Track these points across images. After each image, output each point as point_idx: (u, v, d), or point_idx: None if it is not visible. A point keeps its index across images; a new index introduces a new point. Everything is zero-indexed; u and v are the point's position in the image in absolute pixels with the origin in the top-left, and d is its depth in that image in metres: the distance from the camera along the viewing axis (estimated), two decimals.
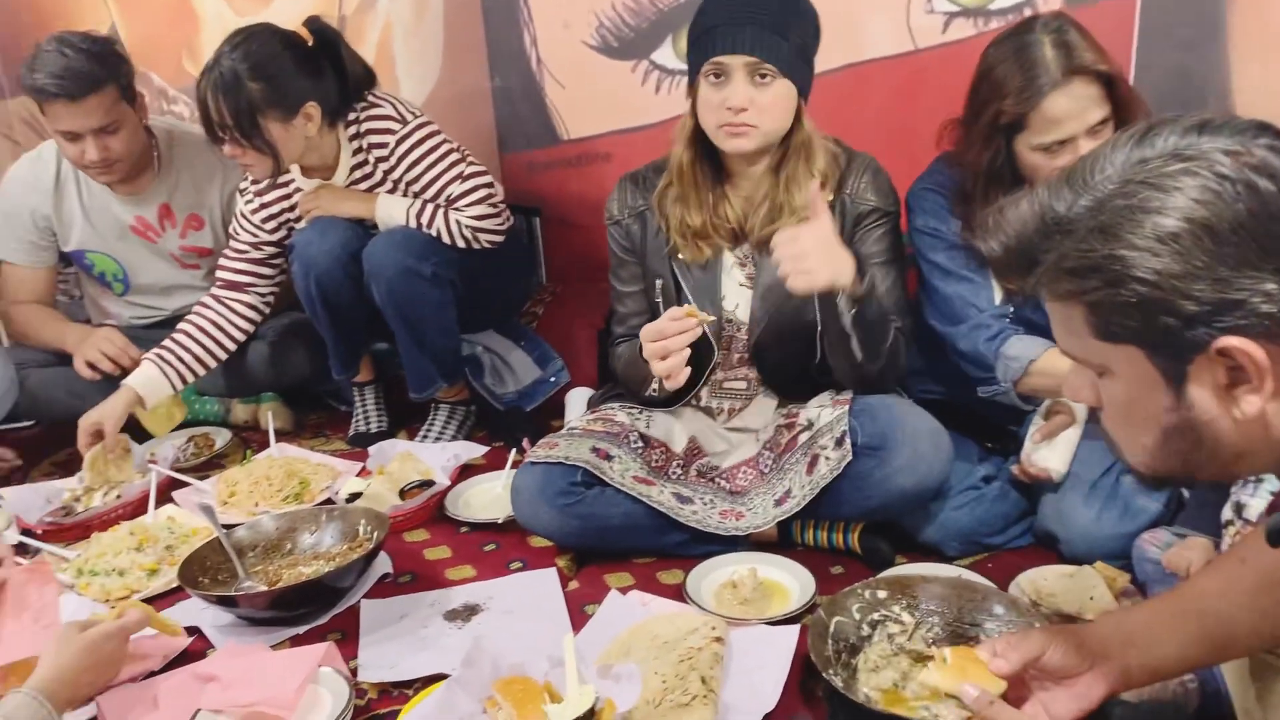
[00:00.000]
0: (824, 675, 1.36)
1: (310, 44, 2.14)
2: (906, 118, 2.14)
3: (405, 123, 2.19)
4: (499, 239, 2.23)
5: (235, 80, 2.02)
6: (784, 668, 1.46)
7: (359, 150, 2.22)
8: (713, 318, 1.74)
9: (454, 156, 2.21)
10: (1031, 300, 1.74)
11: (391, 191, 2.24)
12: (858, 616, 1.48)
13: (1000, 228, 0.93)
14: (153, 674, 1.55)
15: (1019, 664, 1.13)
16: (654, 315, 1.84)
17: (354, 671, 1.53)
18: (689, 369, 1.65)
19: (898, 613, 1.49)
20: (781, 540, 1.81)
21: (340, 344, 2.32)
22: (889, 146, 1.94)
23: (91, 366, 2.34)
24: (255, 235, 2.32)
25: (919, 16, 2.11)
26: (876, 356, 1.70)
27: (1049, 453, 1.72)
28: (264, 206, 2.30)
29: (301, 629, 1.65)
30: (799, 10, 1.70)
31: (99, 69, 2.23)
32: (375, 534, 1.75)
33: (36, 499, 2.13)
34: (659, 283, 1.83)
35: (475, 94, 2.60)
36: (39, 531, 2.02)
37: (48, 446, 2.52)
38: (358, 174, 2.25)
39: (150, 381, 2.23)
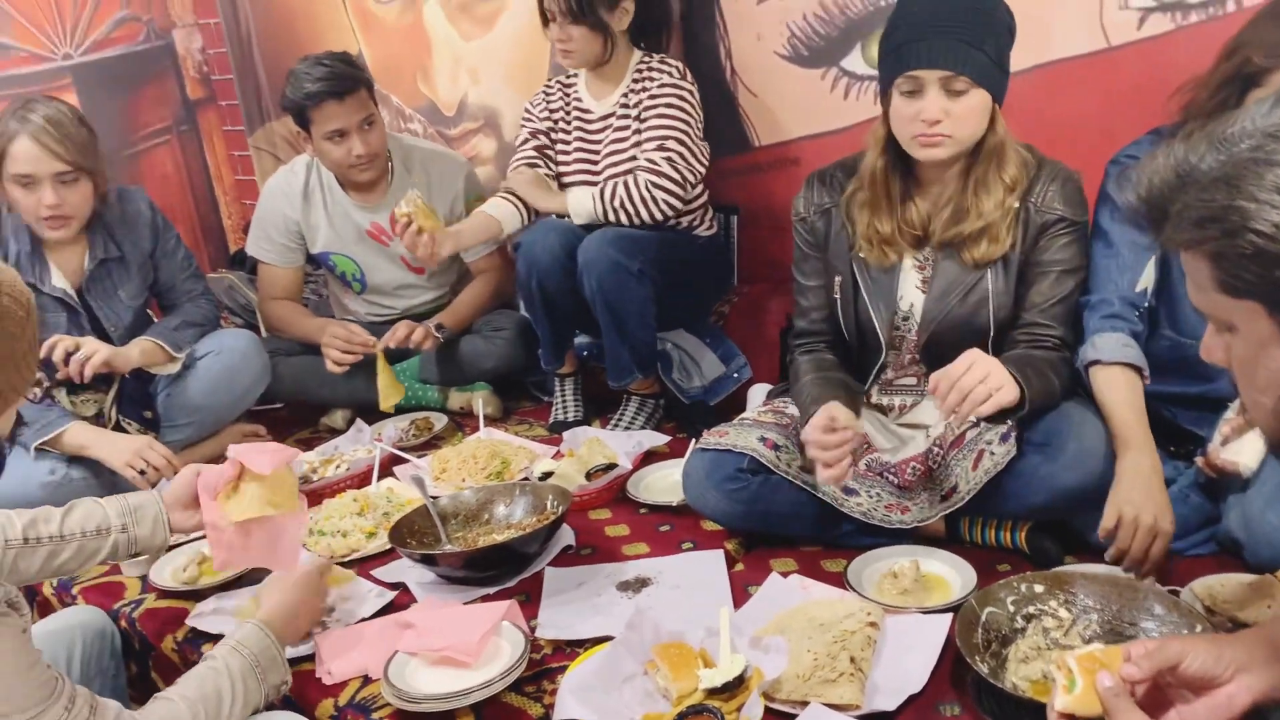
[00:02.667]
0: (971, 663, 1.39)
1: None
2: (1099, 119, 2.10)
3: (683, 77, 2.41)
4: (668, 212, 2.37)
5: None
6: (934, 654, 1.50)
7: (637, 79, 2.44)
8: (863, 431, 1.82)
9: (685, 126, 2.38)
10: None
11: (623, 118, 2.44)
12: (1011, 609, 1.50)
13: (1139, 180, 0.94)
14: (362, 620, 1.77)
15: (1150, 671, 1.09)
16: (832, 311, 1.92)
17: (533, 629, 1.68)
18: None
19: (1054, 608, 1.49)
20: (949, 536, 1.83)
21: (551, 337, 2.51)
22: (1080, 149, 1.91)
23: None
24: (536, 125, 2.58)
25: (1112, 13, 2.06)
26: (1050, 399, 1.71)
27: (1239, 445, 1.64)
28: (549, 110, 2.57)
29: (492, 589, 1.83)
30: (993, 17, 1.70)
31: (355, 71, 2.54)
32: (560, 507, 1.91)
33: None
34: (838, 280, 1.89)
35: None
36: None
37: (293, 426, 2.85)
38: (624, 102, 2.45)
39: (509, 216, 2.49)
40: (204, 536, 1.71)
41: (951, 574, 1.72)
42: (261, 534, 1.61)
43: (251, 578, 1.92)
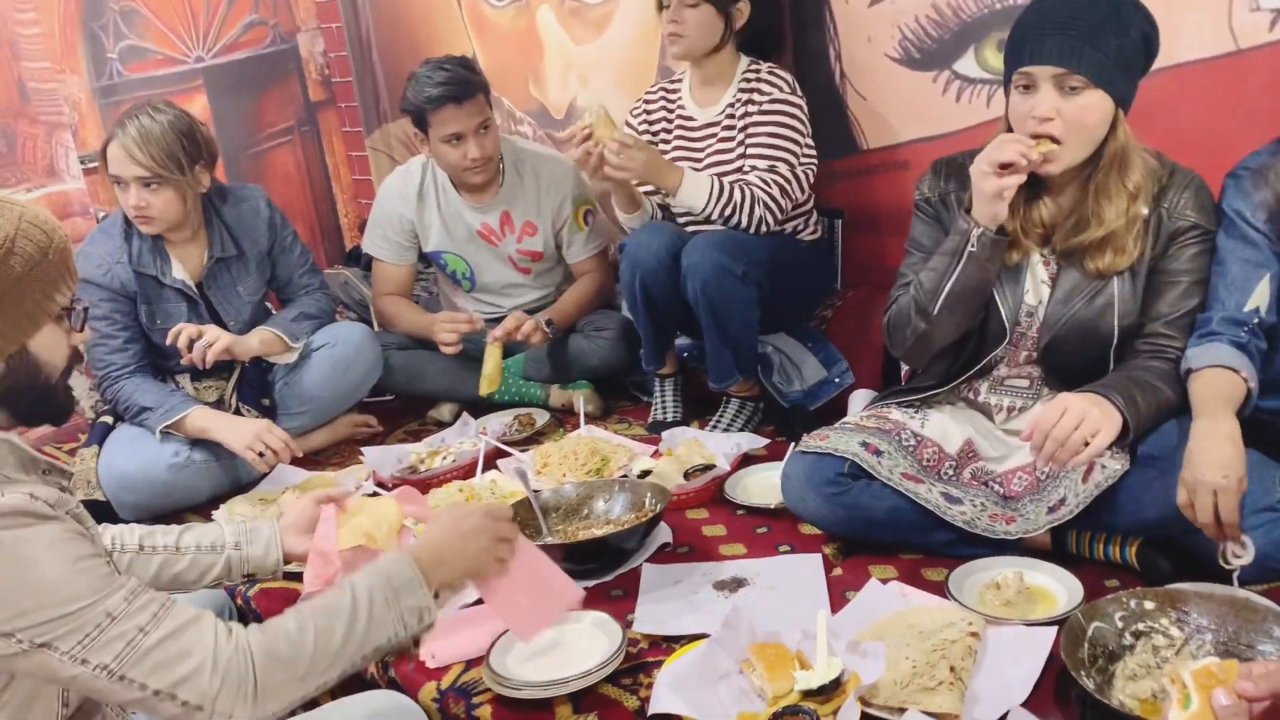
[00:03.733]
0: (1076, 677, 1.36)
1: None
2: (1226, 124, 2.02)
3: (793, 93, 2.42)
4: (763, 230, 2.36)
5: None
6: (1037, 667, 1.47)
7: (744, 89, 2.45)
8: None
9: (795, 146, 2.39)
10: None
11: (728, 129, 2.43)
12: (1120, 625, 1.46)
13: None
14: (466, 606, 1.81)
15: (1268, 691, 1.07)
16: None
17: (629, 622, 1.71)
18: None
19: (1165, 626, 1.45)
20: (1055, 549, 1.78)
21: (654, 338, 2.53)
22: (1207, 155, 1.84)
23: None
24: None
25: (1242, 14, 1.98)
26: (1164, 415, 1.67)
27: None
28: (648, 119, 2.61)
29: (590, 582, 1.86)
30: (1121, 17, 1.65)
31: (474, 76, 2.60)
32: (658, 505, 1.93)
33: (389, 458, 2.51)
34: None
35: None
36: (390, 485, 2.38)
37: (402, 417, 2.93)
38: (730, 112, 2.46)
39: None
40: None
41: (1057, 587, 1.68)
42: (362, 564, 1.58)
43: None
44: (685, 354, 2.67)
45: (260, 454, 2.34)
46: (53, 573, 1.12)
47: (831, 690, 1.44)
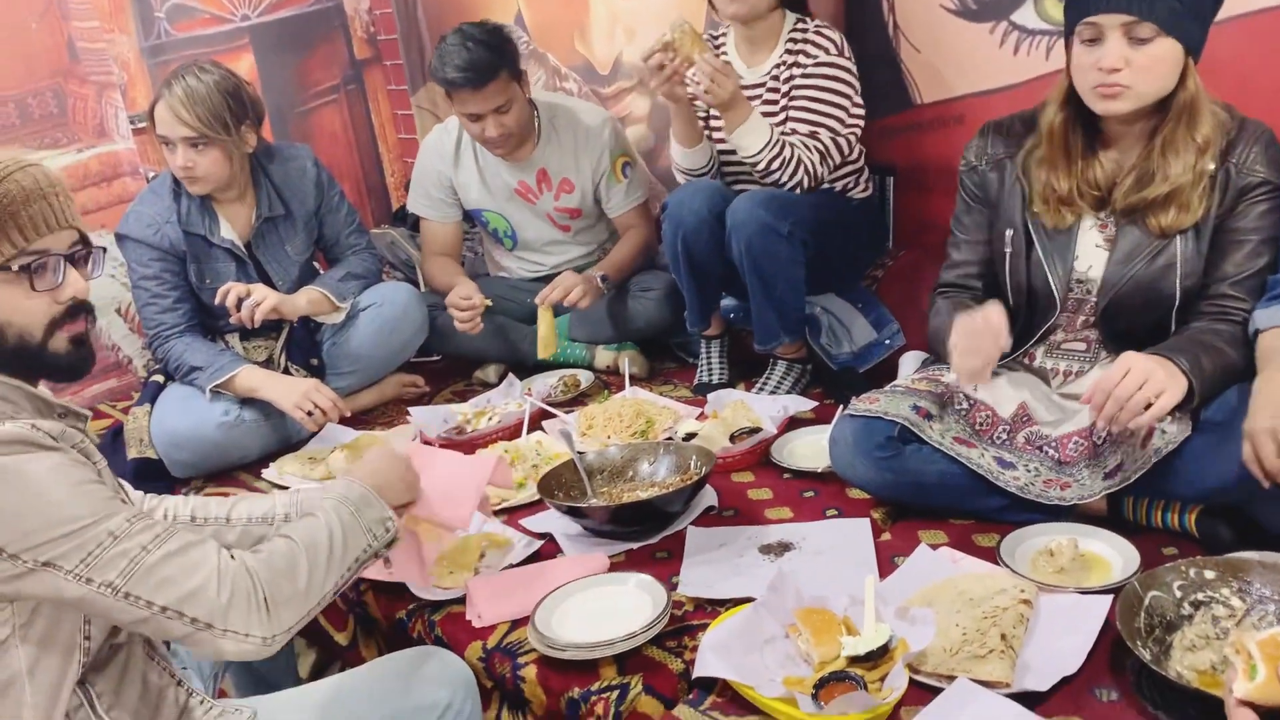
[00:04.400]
0: (1131, 647, 1.33)
1: None
2: None
3: (841, 54, 2.34)
4: (808, 184, 2.31)
5: None
6: (1091, 636, 1.43)
7: (791, 49, 2.38)
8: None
9: (839, 112, 2.32)
10: None
11: (773, 92, 2.37)
12: (1179, 594, 1.42)
13: None
14: (511, 566, 1.82)
15: None
16: (998, 266, 1.84)
17: (674, 585, 1.70)
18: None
19: (1226, 596, 1.41)
20: (1111, 515, 1.74)
21: (698, 298, 2.49)
22: (1275, 111, 1.77)
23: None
24: None
25: None
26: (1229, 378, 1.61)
27: None
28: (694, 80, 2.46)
29: (635, 545, 1.85)
30: None
31: (496, 58, 2.53)
32: (703, 468, 1.91)
33: (436, 419, 2.51)
34: (1009, 233, 1.80)
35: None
36: (436, 444, 2.39)
37: (450, 378, 2.94)
38: (774, 71, 2.39)
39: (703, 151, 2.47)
40: None
41: (1112, 554, 1.64)
42: (409, 547, 1.63)
43: None
44: (731, 315, 2.63)
45: (309, 413, 2.36)
46: (55, 494, 1.12)
47: (879, 657, 1.42)
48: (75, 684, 1.20)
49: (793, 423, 2.26)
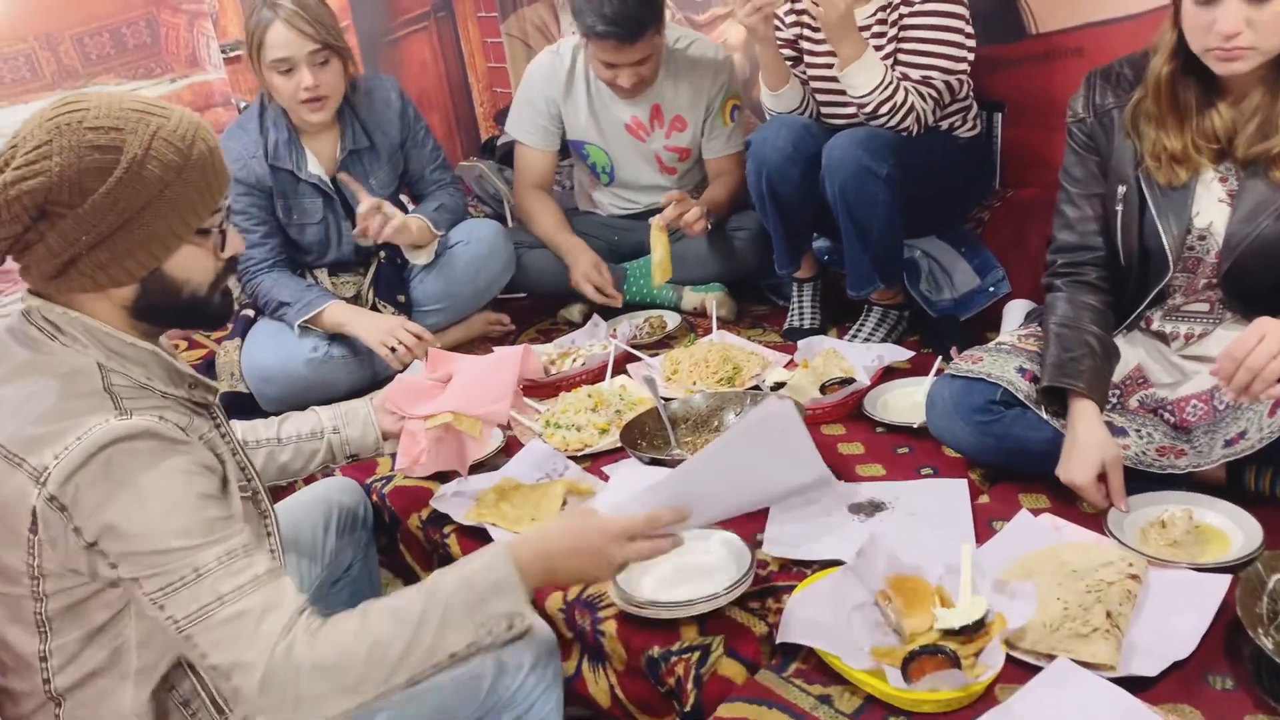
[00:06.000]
0: (1252, 635, 1.24)
1: None
2: None
3: None
4: (917, 130, 2.18)
5: None
6: (1207, 618, 1.35)
7: None
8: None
9: (953, 50, 2.18)
10: None
11: (879, 35, 2.24)
12: None
13: None
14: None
15: None
16: (1109, 225, 1.71)
17: (758, 543, 1.65)
18: None
19: None
20: (1231, 485, 1.63)
21: (785, 240, 2.41)
22: None
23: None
24: (784, 34, 2.40)
25: None
26: None
27: None
28: (795, 13, 2.37)
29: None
30: None
31: (648, 13, 2.42)
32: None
33: None
34: (1121, 189, 1.67)
35: None
36: (520, 387, 2.36)
37: (535, 316, 2.90)
38: (882, 17, 2.25)
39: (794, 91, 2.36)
40: None
41: (1232, 528, 1.53)
42: (450, 444, 1.72)
43: (493, 463, 1.99)
44: (825, 257, 2.53)
45: (393, 349, 2.35)
46: (158, 506, 1.10)
47: (974, 631, 1.36)
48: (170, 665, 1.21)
49: (887, 372, 2.17)
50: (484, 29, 3.83)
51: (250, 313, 2.53)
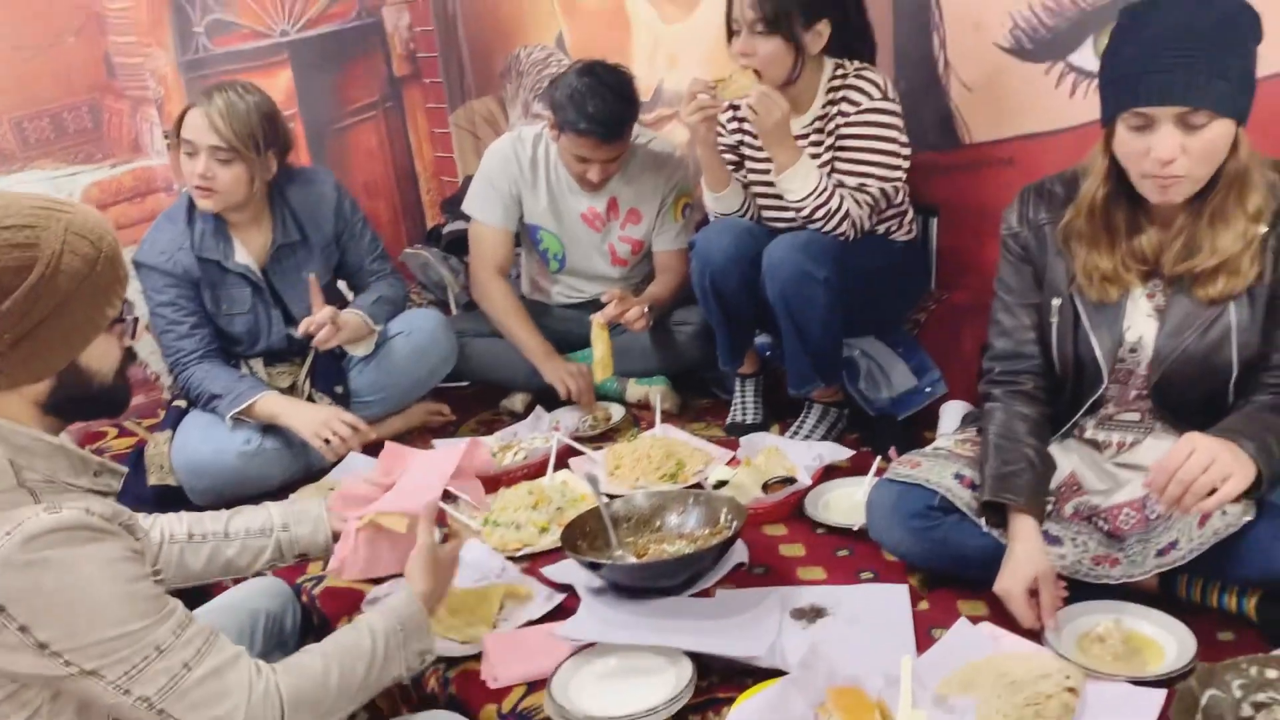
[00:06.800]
0: None
1: None
2: None
3: (885, 96, 2.24)
4: (853, 235, 2.24)
5: None
6: None
7: (832, 99, 2.28)
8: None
9: (887, 159, 2.24)
10: None
11: (815, 144, 2.30)
12: (1239, 694, 1.33)
13: None
14: (530, 623, 1.76)
15: None
16: (1044, 334, 1.75)
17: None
18: None
19: None
20: (1163, 593, 1.65)
21: (729, 337, 2.43)
22: None
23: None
24: (726, 140, 2.46)
25: None
26: None
27: None
28: (738, 121, 2.42)
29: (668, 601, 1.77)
30: (1237, 28, 1.47)
31: (629, 115, 2.51)
32: (734, 523, 1.84)
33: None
34: (1055, 302, 1.71)
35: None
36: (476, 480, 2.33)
37: (476, 406, 2.89)
38: (819, 126, 2.30)
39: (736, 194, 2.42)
40: None
41: (1166, 638, 1.55)
42: (383, 544, 1.71)
43: None
44: (767, 352, 2.56)
45: (327, 441, 2.32)
46: (105, 594, 1.13)
47: None
48: None
49: (829, 472, 2.18)
50: (432, 119, 3.87)
51: (182, 403, 2.48)
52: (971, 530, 1.68)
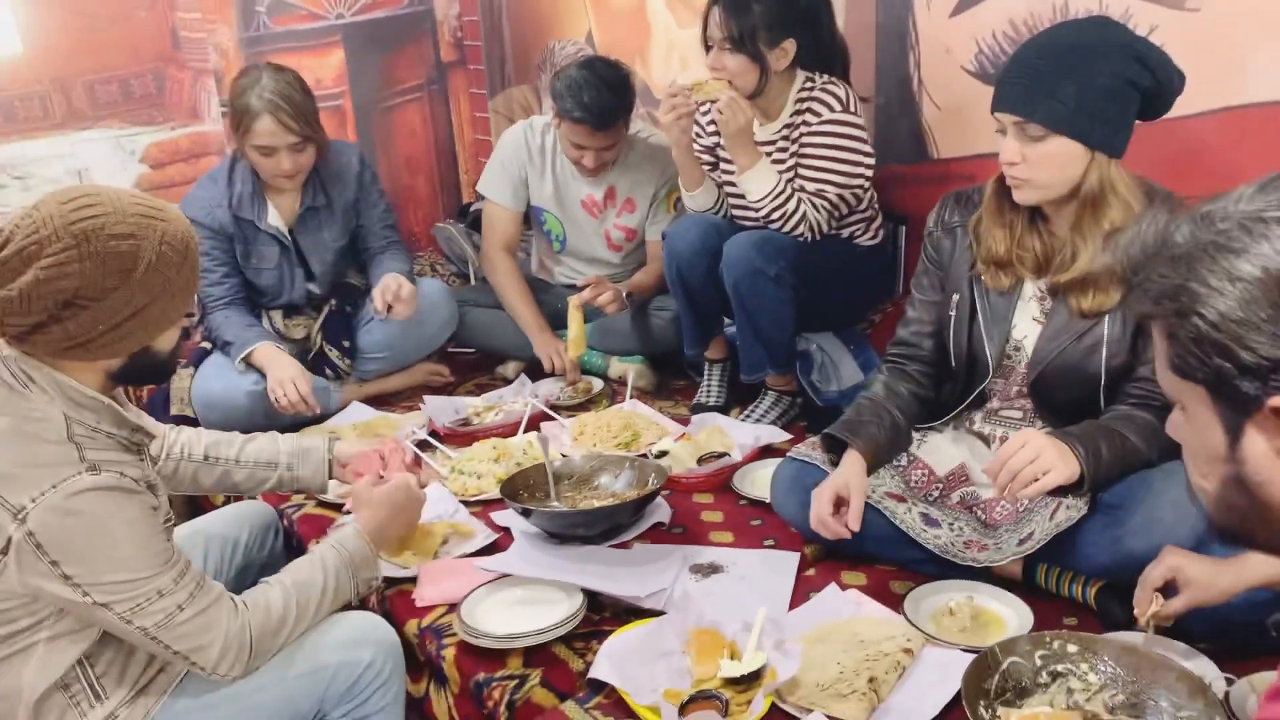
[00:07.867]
0: (967, 707, 1.42)
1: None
2: None
3: (846, 109, 2.40)
4: (810, 237, 2.41)
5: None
6: (952, 690, 1.52)
7: (799, 110, 2.45)
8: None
9: (846, 167, 2.40)
10: None
11: (782, 150, 2.47)
12: (1038, 662, 1.50)
13: (1121, 243, 0.92)
14: (464, 555, 1.99)
15: None
16: (937, 329, 1.93)
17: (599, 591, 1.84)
18: None
19: (1084, 671, 1.49)
20: (1025, 581, 1.81)
21: (694, 324, 2.63)
22: None
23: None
24: (704, 142, 2.67)
25: None
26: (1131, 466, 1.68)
27: None
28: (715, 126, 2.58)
29: (586, 548, 1.98)
30: (1092, 65, 1.61)
31: (621, 105, 2.71)
32: (655, 485, 2.05)
33: (447, 409, 2.70)
34: (955, 298, 1.89)
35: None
36: (441, 433, 2.58)
37: (476, 370, 3.13)
38: (785, 133, 2.48)
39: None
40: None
41: (1009, 615, 1.71)
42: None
43: None
44: (733, 340, 2.74)
45: (278, 401, 2.53)
46: (124, 546, 1.38)
47: (750, 681, 1.54)
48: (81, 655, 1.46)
49: (766, 451, 2.37)
50: (474, 104, 4.12)
51: (207, 345, 2.77)
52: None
